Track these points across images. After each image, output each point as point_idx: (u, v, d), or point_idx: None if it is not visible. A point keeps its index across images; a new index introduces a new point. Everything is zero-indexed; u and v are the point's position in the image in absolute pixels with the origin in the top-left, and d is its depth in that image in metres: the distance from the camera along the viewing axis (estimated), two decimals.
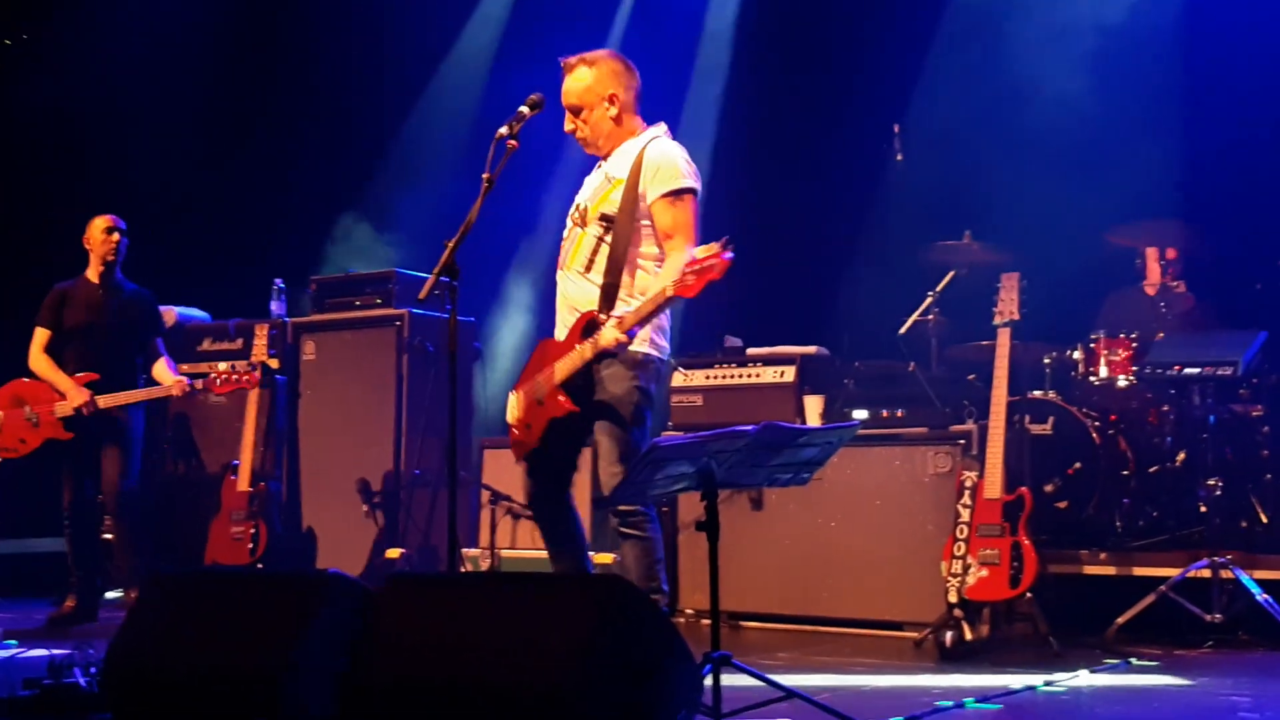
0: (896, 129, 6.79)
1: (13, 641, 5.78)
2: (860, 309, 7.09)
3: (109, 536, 6.89)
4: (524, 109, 4.40)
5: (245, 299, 8.26)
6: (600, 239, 4.28)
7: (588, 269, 4.31)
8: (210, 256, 8.95)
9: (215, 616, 3.69)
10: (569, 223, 4.47)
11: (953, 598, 5.32)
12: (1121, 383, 6.26)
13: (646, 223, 4.28)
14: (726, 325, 7.10)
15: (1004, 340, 5.60)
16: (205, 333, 8.20)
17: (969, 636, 5.26)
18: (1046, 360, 6.39)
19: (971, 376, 6.28)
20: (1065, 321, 6.49)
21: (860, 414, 6.25)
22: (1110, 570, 5.87)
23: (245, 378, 6.66)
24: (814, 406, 6.36)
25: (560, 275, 4.45)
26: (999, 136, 7.10)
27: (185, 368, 8.13)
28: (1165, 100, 6.97)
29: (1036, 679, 4.63)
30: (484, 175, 4.33)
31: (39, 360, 6.62)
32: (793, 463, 3.85)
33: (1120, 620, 5.49)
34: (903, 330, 6.44)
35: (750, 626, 6.30)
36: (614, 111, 4.38)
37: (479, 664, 3.14)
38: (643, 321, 4.10)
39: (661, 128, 4.48)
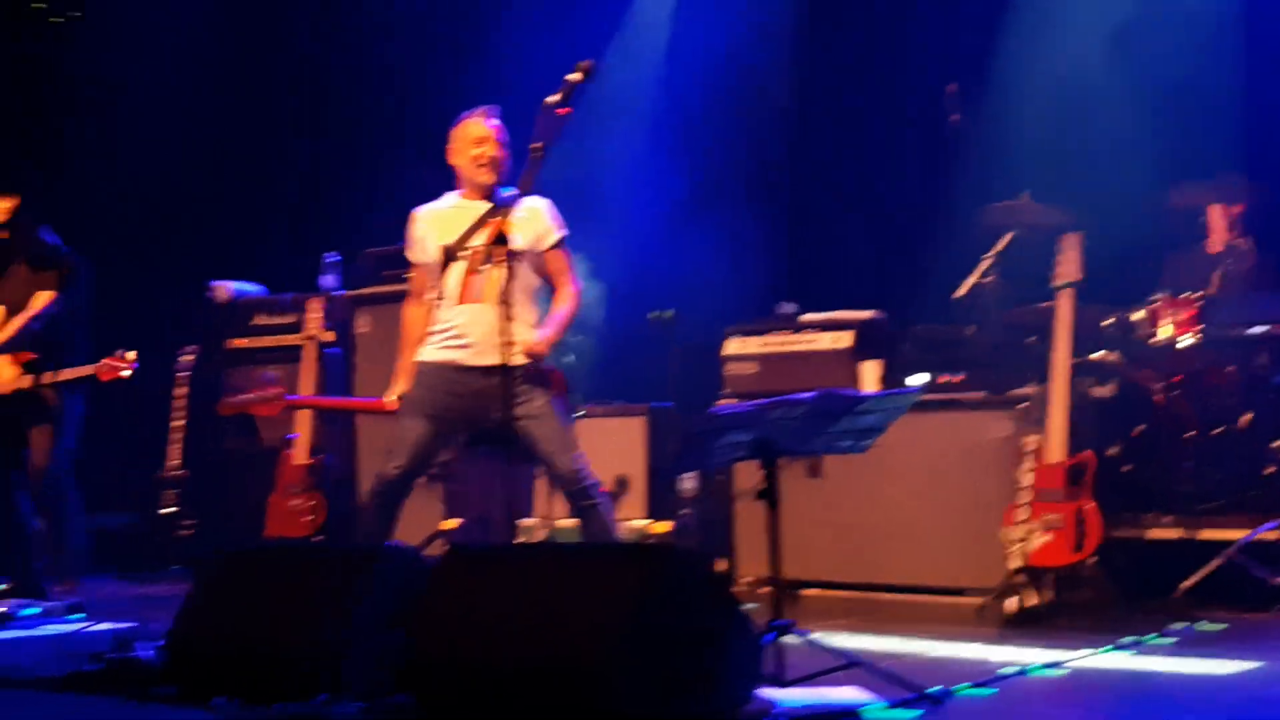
0: (952, 89, 6.67)
1: (79, 615, 5.85)
2: (917, 273, 6.99)
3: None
4: (574, 76, 4.38)
5: (299, 273, 8.29)
6: (511, 273, 4.56)
7: (501, 300, 4.56)
8: (264, 231, 8.98)
9: (275, 590, 3.72)
10: (454, 260, 4.83)
11: (1015, 563, 5.26)
12: (1184, 343, 6.13)
13: (534, 258, 4.90)
14: (781, 291, 7.04)
15: (1065, 302, 5.52)
16: (260, 307, 8.24)
17: (1032, 602, 5.20)
18: (1108, 322, 6.27)
19: (1031, 339, 6.17)
20: (1126, 283, 6.37)
21: (918, 379, 6.17)
22: (1175, 534, 5.77)
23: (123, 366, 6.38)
24: (871, 372, 6.29)
25: (468, 308, 4.81)
26: (1057, 95, 6.98)
27: (241, 343, 8.21)
28: (1227, 53, 6.81)
29: (1102, 644, 4.57)
30: (532, 145, 4.32)
31: None
32: (852, 429, 3.81)
33: (1186, 584, 5.41)
34: (960, 293, 6.35)
35: (809, 594, 6.27)
36: (507, 159, 4.97)
37: (537, 635, 3.13)
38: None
39: None
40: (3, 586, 6.22)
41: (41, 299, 6.32)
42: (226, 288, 8.32)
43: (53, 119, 8.84)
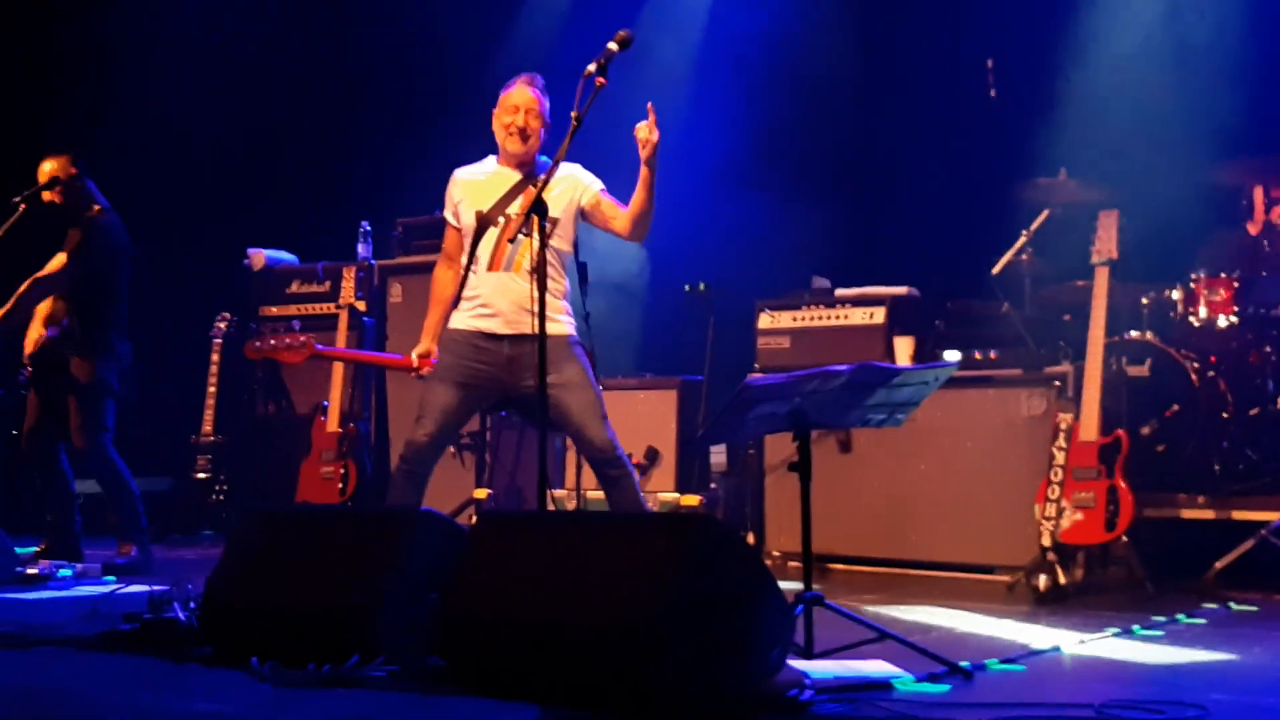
0: (990, 64, 6.62)
1: (111, 578, 5.91)
2: (952, 248, 6.96)
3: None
4: (612, 45, 4.40)
5: (333, 242, 8.32)
6: (543, 243, 4.59)
7: (533, 270, 4.66)
8: (298, 200, 9.01)
9: (310, 552, 3.74)
10: (488, 227, 4.85)
11: (1046, 541, 5.25)
12: (1222, 323, 6.09)
13: (566, 229, 4.88)
14: (814, 265, 7.01)
15: (1101, 280, 5.48)
16: (293, 275, 8.28)
17: (1063, 580, 5.19)
18: (1144, 301, 6.24)
19: (1066, 317, 6.15)
20: (1164, 261, 6.32)
21: (952, 355, 6.15)
22: (1208, 514, 5.75)
23: None
24: (904, 348, 6.27)
25: (497, 276, 4.83)
26: (1097, 71, 6.91)
27: (274, 310, 8.25)
28: (1272, 32, 6.72)
29: (1133, 623, 4.56)
30: (572, 114, 4.33)
31: None
32: (887, 403, 3.80)
33: (1219, 565, 5.39)
34: (996, 270, 6.31)
35: (838, 568, 6.27)
36: (544, 130, 4.96)
37: (571, 601, 3.15)
38: None
39: None
40: (36, 548, 6.29)
41: (55, 263, 6.32)
42: (262, 255, 8.36)
43: (91, 85, 8.87)
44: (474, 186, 4.97)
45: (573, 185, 4.89)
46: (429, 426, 4.81)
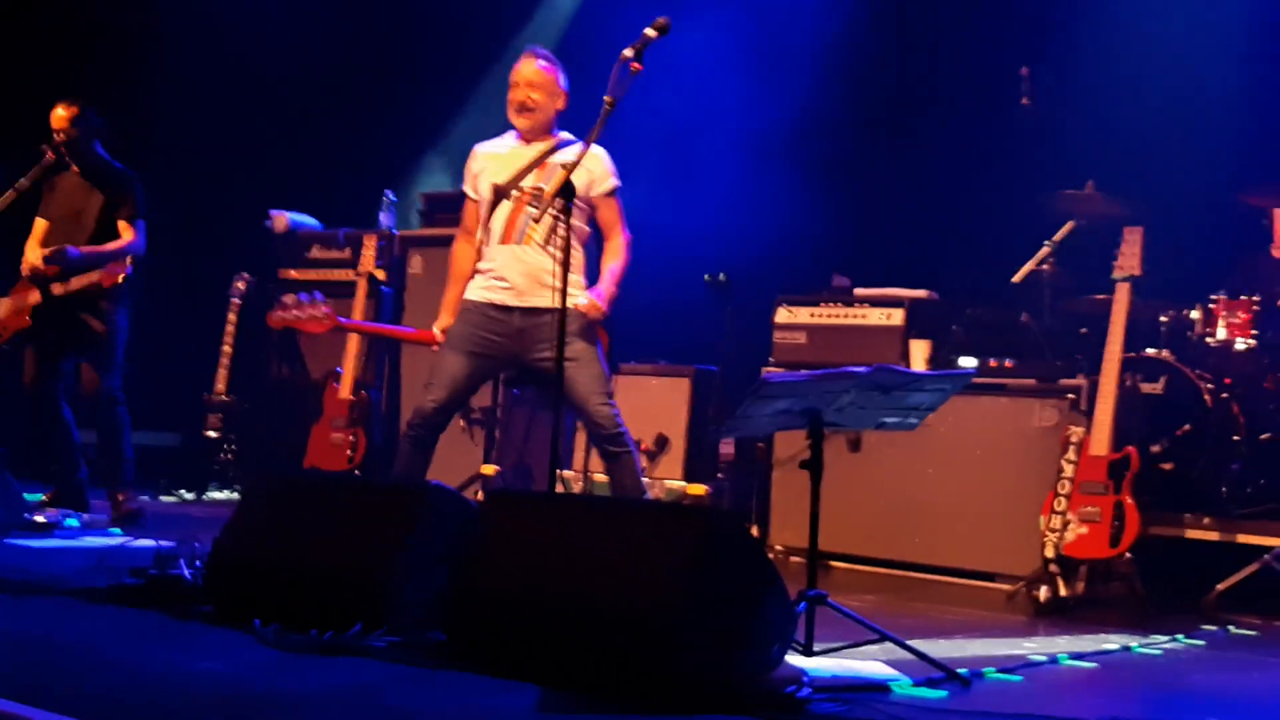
0: (1024, 72, 6.60)
1: (117, 530, 5.94)
2: (974, 254, 6.94)
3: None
4: (650, 31, 4.41)
5: (356, 209, 8.33)
6: (557, 218, 4.68)
7: (546, 243, 4.83)
8: (323, 164, 9.02)
9: (323, 518, 3.76)
10: (503, 200, 4.91)
11: (1049, 553, 5.26)
12: (1239, 346, 6.07)
13: (584, 207, 4.92)
14: (836, 262, 7.01)
15: (1122, 295, 5.48)
16: (315, 240, 8.29)
17: (1063, 593, 5.19)
18: (1163, 319, 6.23)
19: (1083, 330, 6.14)
20: (1185, 281, 6.31)
21: (968, 362, 6.15)
22: (1213, 536, 5.74)
23: None
24: (920, 351, 6.27)
25: (509, 248, 4.88)
26: (1131, 86, 6.88)
27: (293, 273, 8.27)
28: None
29: (1131, 640, 4.56)
30: (605, 97, 4.34)
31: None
32: (903, 407, 3.80)
33: (1221, 587, 5.38)
34: (1017, 279, 6.31)
35: (839, 567, 6.28)
36: (559, 104, 5.00)
37: (578, 584, 3.16)
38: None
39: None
40: (43, 496, 6.33)
41: (125, 235, 6.28)
42: (284, 218, 8.38)
43: (119, 44, 8.87)
44: (493, 160, 5.01)
45: (592, 170, 4.90)
46: (438, 393, 4.85)
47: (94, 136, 6.39)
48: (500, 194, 4.93)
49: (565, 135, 5.02)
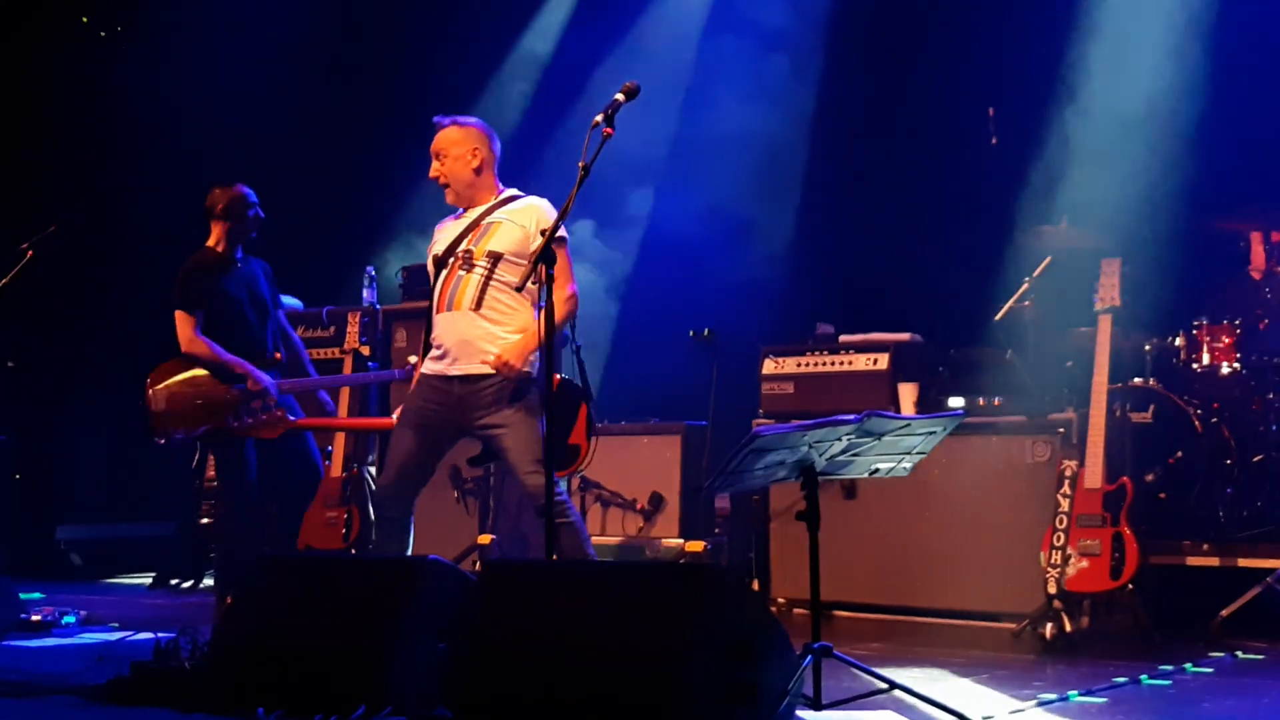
0: (991, 112, 6.67)
1: (114, 624, 5.89)
2: (954, 295, 6.98)
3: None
4: (619, 96, 4.46)
5: (337, 287, 8.34)
6: (486, 278, 4.75)
7: (477, 307, 4.80)
8: (302, 245, 9.04)
9: (318, 601, 3.74)
10: (443, 269, 4.89)
11: (1052, 589, 5.24)
12: (1225, 370, 6.12)
13: (522, 262, 4.77)
14: (818, 311, 7.03)
15: (1105, 327, 5.50)
16: (298, 320, 8.27)
17: (1069, 628, 5.18)
18: (1147, 347, 6.26)
19: (1069, 364, 6.16)
20: (1166, 308, 6.35)
21: (956, 402, 6.16)
22: (1213, 561, 5.74)
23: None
24: (908, 395, 6.28)
25: (443, 316, 4.86)
26: (1097, 119, 6.95)
27: (279, 355, 8.24)
28: (1271, 80, 6.77)
29: (1140, 672, 4.55)
30: (580, 163, 4.36)
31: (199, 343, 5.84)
32: (894, 452, 3.81)
33: (1224, 613, 5.38)
34: (999, 316, 6.34)
35: (842, 616, 6.24)
36: (475, 164, 4.93)
37: (581, 650, 3.15)
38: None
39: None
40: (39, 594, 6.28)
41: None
42: None
43: (96, 132, 8.92)
44: (442, 232, 5.05)
45: (529, 223, 4.86)
46: (388, 474, 4.90)
47: None
48: (439, 264, 4.95)
49: (512, 191, 4.99)
